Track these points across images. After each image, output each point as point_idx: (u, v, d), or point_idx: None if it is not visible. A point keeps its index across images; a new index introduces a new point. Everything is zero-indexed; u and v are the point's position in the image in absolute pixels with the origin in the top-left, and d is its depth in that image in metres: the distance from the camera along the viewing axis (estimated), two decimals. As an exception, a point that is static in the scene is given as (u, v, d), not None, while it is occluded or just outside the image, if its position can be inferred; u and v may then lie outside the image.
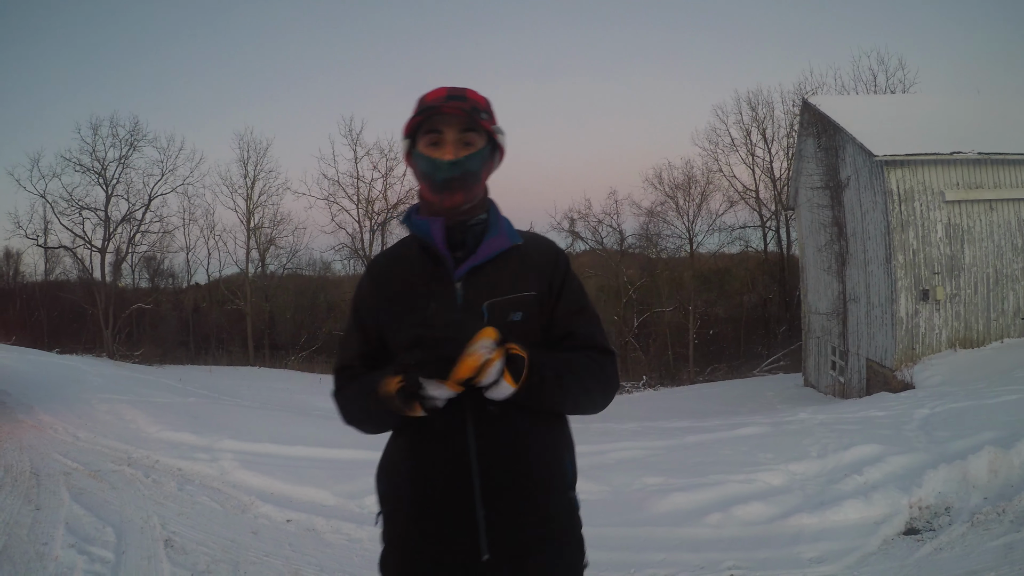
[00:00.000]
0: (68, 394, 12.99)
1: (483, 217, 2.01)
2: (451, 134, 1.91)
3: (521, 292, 1.93)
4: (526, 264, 1.98)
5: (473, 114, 1.90)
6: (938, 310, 17.34)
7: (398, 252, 2.08)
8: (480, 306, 1.89)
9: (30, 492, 6.59)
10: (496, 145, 2.02)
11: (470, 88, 1.98)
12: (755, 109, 40.53)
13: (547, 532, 1.91)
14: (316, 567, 4.86)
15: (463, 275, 1.92)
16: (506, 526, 1.85)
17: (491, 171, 2.03)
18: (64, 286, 44.99)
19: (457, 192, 1.92)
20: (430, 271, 1.95)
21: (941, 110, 20.54)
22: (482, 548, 1.84)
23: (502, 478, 1.85)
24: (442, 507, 1.87)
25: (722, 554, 4.88)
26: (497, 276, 1.93)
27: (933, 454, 6.85)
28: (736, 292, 41.32)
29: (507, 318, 1.88)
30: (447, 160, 1.89)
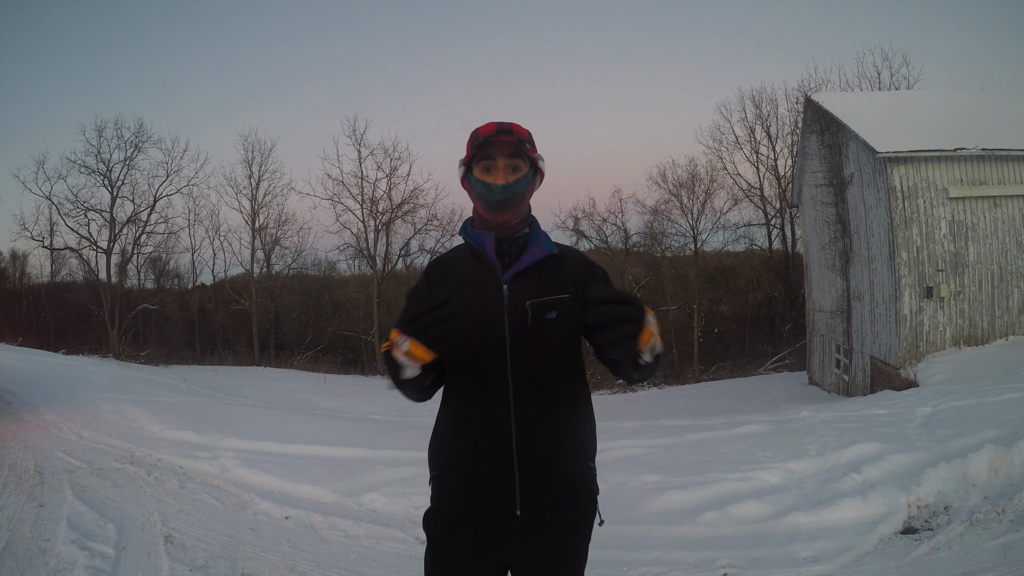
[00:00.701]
0: (73, 394, 13.04)
1: (526, 231, 2.41)
2: (502, 162, 2.32)
3: (557, 295, 2.32)
4: (562, 271, 2.37)
5: (519, 145, 2.31)
6: (942, 307, 17.29)
7: (453, 257, 2.49)
8: (524, 304, 2.29)
9: (34, 490, 6.64)
10: (538, 169, 2.42)
11: (515, 123, 2.38)
12: (759, 107, 40.46)
13: (570, 495, 2.33)
14: (313, 563, 4.89)
15: (509, 278, 2.33)
16: (536, 488, 2.26)
17: (534, 191, 2.44)
18: (70, 287, 45.10)
19: (508, 211, 2.33)
20: (481, 275, 2.36)
21: (945, 106, 20.44)
22: (516, 504, 2.26)
23: (537, 448, 2.25)
24: (485, 470, 2.28)
25: (716, 553, 4.89)
26: (537, 280, 2.34)
27: (934, 452, 6.83)
28: (741, 290, 41.27)
29: (544, 315, 2.29)
30: (499, 184, 2.31)
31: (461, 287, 2.33)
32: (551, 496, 2.29)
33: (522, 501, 2.26)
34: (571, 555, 2.38)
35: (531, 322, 2.28)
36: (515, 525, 2.28)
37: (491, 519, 2.29)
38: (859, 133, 18.18)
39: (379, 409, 17.15)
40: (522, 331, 2.28)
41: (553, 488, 2.29)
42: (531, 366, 2.28)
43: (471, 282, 2.35)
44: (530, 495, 2.26)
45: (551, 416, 2.29)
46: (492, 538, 2.31)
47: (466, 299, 2.21)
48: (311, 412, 14.57)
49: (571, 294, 2.32)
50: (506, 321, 2.29)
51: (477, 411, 2.30)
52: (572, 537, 2.37)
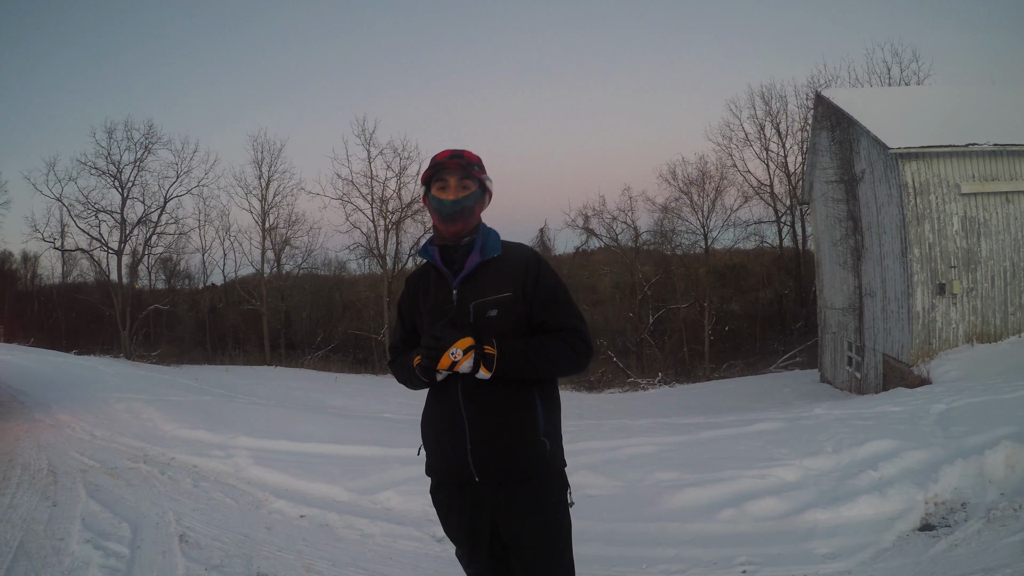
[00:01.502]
0: (85, 393, 13.08)
1: (468, 240, 2.80)
2: (453, 181, 2.75)
3: (497, 294, 2.70)
4: (503, 272, 2.74)
5: (468, 168, 2.75)
6: (955, 304, 17.19)
7: (422, 269, 2.95)
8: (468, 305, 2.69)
9: (47, 489, 6.64)
10: (486, 189, 2.85)
11: (467, 149, 2.80)
12: (768, 103, 40.33)
13: (524, 467, 2.70)
14: (328, 562, 4.88)
15: (457, 284, 2.75)
16: (486, 458, 2.68)
17: (483, 207, 2.86)
18: (81, 288, 45.36)
19: (457, 222, 2.75)
20: (438, 283, 2.81)
21: (956, 101, 20.31)
22: (472, 473, 2.69)
23: (484, 424, 2.67)
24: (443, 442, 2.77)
25: (735, 550, 4.86)
26: (481, 282, 2.73)
27: (949, 449, 6.78)
28: (752, 288, 41.13)
29: (486, 314, 2.69)
30: (450, 199, 2.73)
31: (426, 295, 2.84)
32: (502, 466, 2.68)
33: (476, 469, 2.68)
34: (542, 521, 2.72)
35: (472, 320, 2.68)
36: (480, 488, 2.72)
37: (457, 483, 2.76)
38: (870, 129, 18.10)
39: (391, 408, 17.15)
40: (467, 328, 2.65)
41: (501, 459, 2.68)
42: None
43: (431, 290, 2.83)
44: (482, 465, 2.67)
45: (495, 397, 2.65)
46: (465, 498, 2.76)
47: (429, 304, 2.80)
48: (323, 411, 14.57)
49: (511, 292, 2.71)
50: None
51: (438, 396, 2.79)
52: (537, 505, 2.71)
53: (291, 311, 44.94)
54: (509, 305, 2.70)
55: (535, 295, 2.73)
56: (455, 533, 2.87)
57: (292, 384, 26.93)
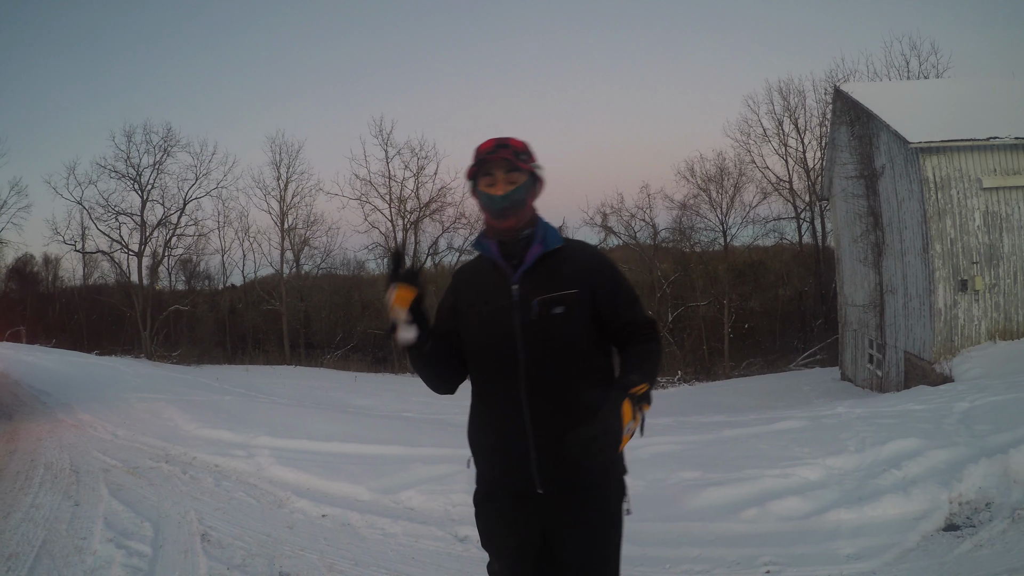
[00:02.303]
0: (107, 394, 13.17)
1: (527, 233, 2.60)
2: (500, 175, 2.53)
3: (564, 291, 2.50)
4: (569, 266, 2.55)
5: (515, 158, 2.52)
6: (977, 301, 17.00)
7: (474, 264, 2.74)
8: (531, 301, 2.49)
9: (69, 488, 6.69)
10: (537, 177, 2.63)
11: (513, 137, 2.59)
12: (786, 98, 40.08)
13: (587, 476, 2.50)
14: (351, 561, 4.88)
15: (517, 279, 2.55)
16: (553, 468, 2.47)
17: (536, 196, 2.65)
18: (102, 290, 45.80)
19: (510, 217, 2.54)
20: (494, 278, 2.59)
21: (976, 94, 20.07)
22: (536, 483, 2.49)
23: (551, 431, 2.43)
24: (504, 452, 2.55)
25: (758, 549, 4.83)
26: (544, 277, 2.53)
27: (973, 448, 6.72)
28: (771, 285, 40.89)
29: (551, 311, 2.48)
30: (499, 195, 2.52)
31: (479, 291, 2.63)
32: (569, 476, 2.48)
33: (541, 481, 2.49)
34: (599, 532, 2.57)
35: (537, 317, 2.49)
36: (540, 500, 2.52)
37: (515, 495, 2.55)
38: (890, 123, 17.93)
39: (411, 407, 17.21)
40: (531, 325, 2.50)
41: (568, 469, 2.43)
42: (541, 357, 2.49)
43: (486, 286, 2.62)
44: (548, 475, 2.49)
45: (564, 402, 2.47)
46: (520, 511, 2.56)
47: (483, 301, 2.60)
48: (344, 410, 14.63)
49: (578, 289, 2.52)
50: (515, 317, 2.51)
51: (495, 400, 2.58)
52: (597, 515, 2.56)
53: (310, 311, 45.12)
54: (575, 303, 2.52)
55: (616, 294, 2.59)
56: (500, 548, 2.69)
57: (312, 383, 27.08)
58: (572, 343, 2.51)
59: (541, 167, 2.65)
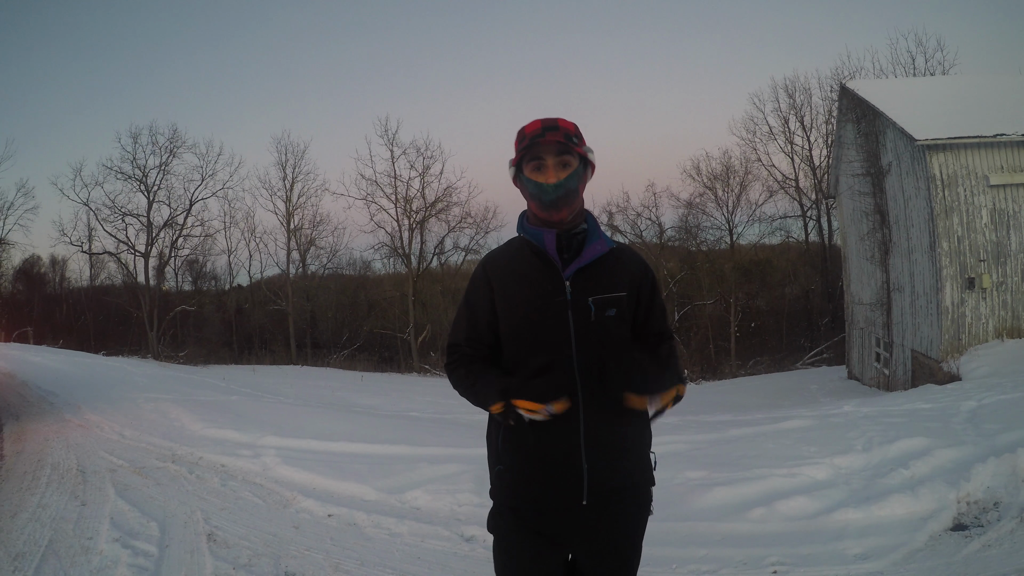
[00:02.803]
0: (114, 394, 13.18)
1: (584, 227, 2.46)
2: (551, 160, 2.36)
3: (617, 292, 2.41)
4: (621, 269, 2.46)
5: (567, 142, 2.34)
6: (984, 299, 16.95)
7: (510, 252, 2.53)
8: (586, 300, 2.37)
9: (76, 488, 6.69)
10: (588, 162, 2.46)
11: (561, 117, 2.42)
12: (792, 96, 40.15)
13: (631, 482, 2.47)
14: (357, 561, 4.88)
15: (571, 275, 2.39)
16: (603, 477, 2.38)
17: (586, 184, 2.48)
18: (109, 290, 46.04)
19: (563, 208, 2.38)
20: (542, 272, 2.41)
21: (982, 91, 20.02)
22: (584, 494, 2.37)
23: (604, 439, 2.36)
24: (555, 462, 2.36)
25: (765, 550, 4.81)
26: (598, 276, 2.41)
27: (981, 447, 6.72)
28: (778, 284, 40.88)
29: (605, 312, 2.38)
30: (551, 184, 2.34)
31: (521, 283, 2.42)
32: (615, 484, 2.40)
33: (589, 490, 2.36)
34: (628, 542, 2.50)
35: (594, 318, 2.36)
36: (580, 514, 2.39)
37: (558, 509, 2.40)
38: (896, 120, 17.89)
39: (417, 406, 17.20)
40: (586, 327, 2.36)
41: (617, 476, 2.40)
42: (597, 360, 2.35)
43: (531, 279, 2.41)
44: (596, 485, 2.36)
45: (617, 407, 2.33)
46: (557, 529, 2.42)
47: (527, 295, 2.40)
48: (350, 410, 14.61)
49: (627, 292, 2.43)
50: (570, 317, 2.36)
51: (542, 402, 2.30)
52: (630, 524, 2.49)
53: (317, 311, 45.27)
54: (624, 305, 2.42)
55: (653, 303, 2.53)
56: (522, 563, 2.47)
57: (319, 383, 27.08)
58: (623, 347, 2.41)
59: (592, 151, 2.46)
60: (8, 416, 10.74)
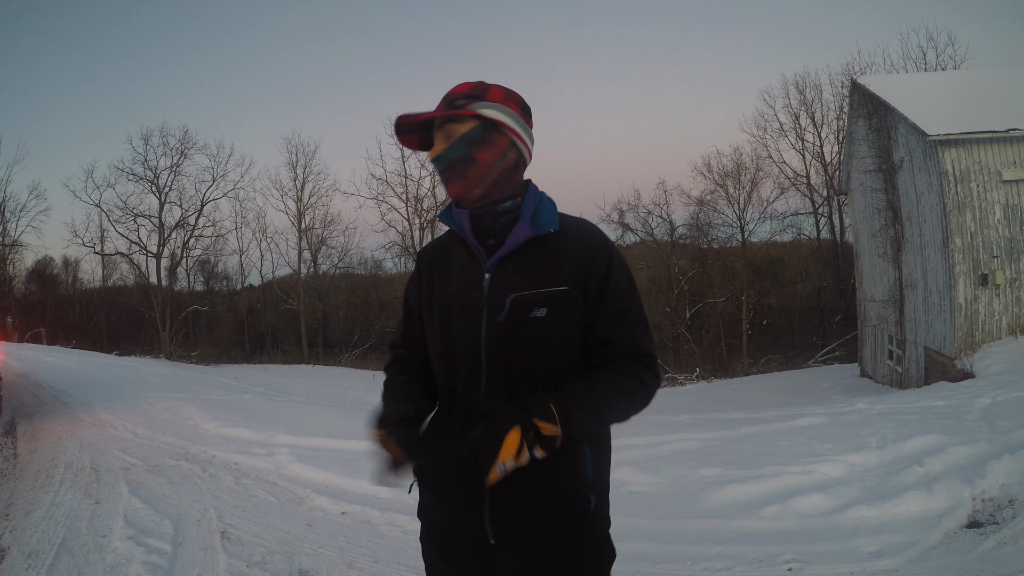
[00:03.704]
0: (127, 393, 13.25)
1: (508, 205, 1.98)
2: (438, 134, 1.97)
3: (550, 287, 1.88)
4: (562, 255, 1.92)
5: (448, 107, 1.94)
6: (998, 295, 16.84)
7: (443, 242, 2.12)
8: (504, 298, 1.89)
9: (90, 487, 6.73)
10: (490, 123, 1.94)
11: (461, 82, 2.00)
12: (803, 92, 40.03)
13: (552, 527, 1.91)
14: (370, 558, 4.88)
15: (492, 266, 1.93)
16: (510, 516, 1.90)
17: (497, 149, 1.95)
18: (121, 291, 46.34)
19: (453, 182, 1.94)
20: (463, 263, 1.99)
21: (994, 85, 19.88)
22: (488, 533, 1.91)
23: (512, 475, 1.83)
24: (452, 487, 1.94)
25: (779, 547, 4.79)
26: (527, 267, 1.91)
27: (996, 444, 6.68)
28: (789, 281, 40.77)
29: (531, 313, 1.87)
30: (432, 158, 1.96)
31: (442, 277, 2.04)
32: (529, 526, 1.91)
33: (494, 529, 1.91)
34: None
35: (508, 319, 1.88)
36: (493, 555, 1.96)
37: (464, 544, 1.99)
38: (908, 116, 17.79)
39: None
40: (498, 330, 1.90)
41: (530, 519, 1.90)
42: (509, 372, 1.90)
43: (450, 272, 2.03)
44: (502, 524, 1.91)
45: None
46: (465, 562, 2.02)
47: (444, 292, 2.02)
48: (362, 408, 14.60)
49: (569, 285, 1.89)
50: (483, 317, 1.91)
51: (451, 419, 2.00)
52: None
53: (328, 310, 45.39)
54: (564, 304, 1.88)
55: (603, 299, 1.92)
56: None
57: (330, 382, 27.17)
58: (552, 359, 1.90)
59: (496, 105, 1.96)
60: (22, 415, 10.80)
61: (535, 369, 1.89)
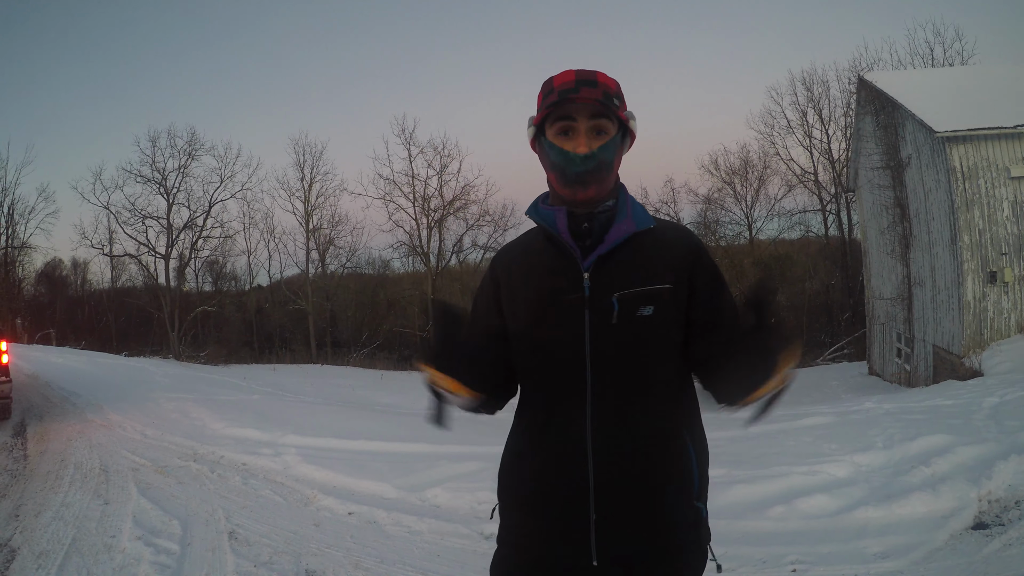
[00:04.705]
0: (136, 394, 13.31)
1: (610, 204, 1.89)
2: (583, 124, 1.82)
3: (654, 284, 1.81)
4: (661, 254, 1.85)
5: (606, 102, 1.80)
6: (1006, 293, 16.77)
7: (524, 243, 2.00)
8: (610, 297, 1.79)
9: (99, 487, 6.77)
10: (628, 130, 1.91)
11: (600, 71, 1.88)
12: (810, 89, 39.75)
13: (663, 542, 1.82)
14: (377, 559, 4.90)
15: (591, 265, 1.82)
16: (618, 532, 1.78)
17: (622, 157, 1.93)
18: (130, 292, 46.54)
19: (591, 186, 1.83)
20: (556, 262, 1.86)
21: (1002, 81, 19.75)
22: (592, 553, 1.78)
23: (620, 482, 1.78)
24: (555, 507, 1.82)
25: (785, 548, 4.79)
26: (628, 266, 1.83)
27: (1003, 444, 6.65)
28: (797, 279, 40.60)
29: (637, 312, 1.79)
30: (581, 154, 1.80)
31: (529, 279, 1.90)
32: (635, 543, 1.79)
33: (599, 550, 1.78)
34: None
35: (618, 320, 1.78)
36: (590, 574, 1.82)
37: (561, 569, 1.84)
38: (916, 112, 17.73)
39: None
40: (607, 331, 1.79)
41: (640, 535, 1.79)
42: (619, 377, 1.80)
43: (542, 273, 1.88)
44: (609, 543, 1.78)
45: (642, 441, 1.81)
46: None
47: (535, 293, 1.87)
48: (370, 408, 14.67)
49: (672, 284, 1.81)
50: (586, 319, 1.80)
51: (549, 434, 1.85)
52: None
53: (336, 310, 45.41)
54: (668, 302, 1.81)
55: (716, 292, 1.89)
56: None
57: (339, 382, 27.22)
58: (662, 357, 1.84)
59: (634, 117, 1.92)
60: (32, 416, 10.87)
61: (644, 374, 1.82)
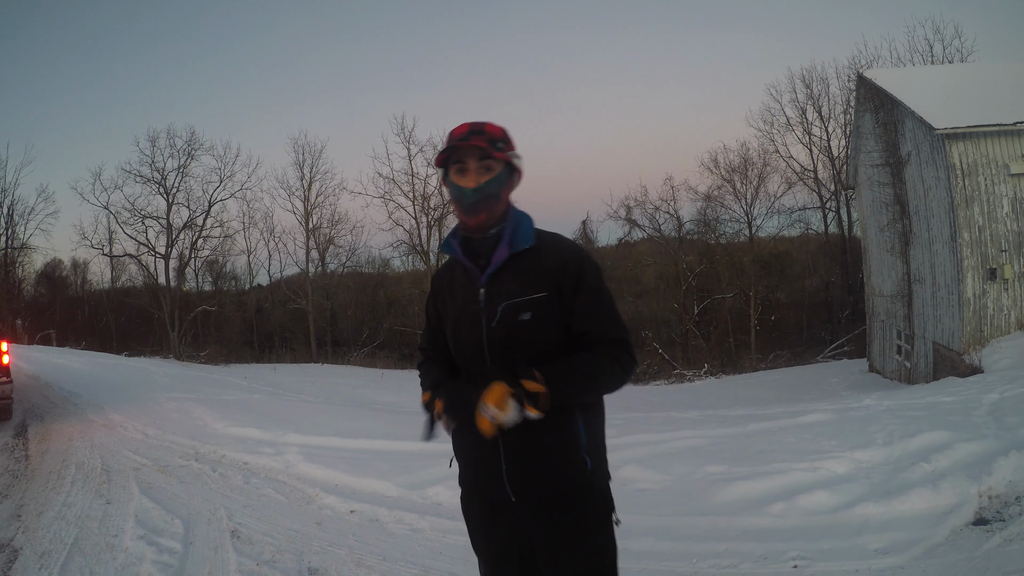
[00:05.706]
0: (137, 394, 13.30)
1: (495, 230, 2.43)
2: (473, 164, 2.36)
3: (532, 295, 2.35)
4: (538, 267, 2.38)
5: (490, 147, 2.34)
6: (1006, 289, 16.78)
7: (449, 265, 2.61)
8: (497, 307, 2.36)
9: (101, 487, 6.78)
10: (514, 168, 2.46)
11: (488, 122, 2.42)
12: (809, 86, 39.78)
13: (559, 485, 2.39)
14: (379, 556, 4.91)
15: (484, 282, 2.40)
16: (522, 477, 2.39)
17: (512, 189, 2.49)
18: (130, 292, 46.58)
19: (481, 213, 2.38)
20: (464, 282, 2.47)
21: (1001, 78, 19.79)
22: (508, 493, 2.41)
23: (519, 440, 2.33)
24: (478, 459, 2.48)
25: (785, 544, 4.79)
26: (512, 280, 2.37)
27: (1003, 441, 6.63)
28: (797, 276, 40.67)
29: (518, 317, 2.34)
30: (471, 188, 2.35)
31: (452, 297, 2.53)
32: (540, 489, 2.40)
33: (512, 489, 2.40)
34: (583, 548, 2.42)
35: (504, 324, 2.35)
36: (516, 509, 2.43)
37: (491, 502, 2.48)
38: (915, 110, 17.75)
39: (436, 403, 17.19)
40: (495, 333, 2.37)
41: (539, 481, 2.39)
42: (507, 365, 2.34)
43: (456, 291, 2.51)
44: (518, 484, 2.39)
45: None
46: (498, 517, 2.49)
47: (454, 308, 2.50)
48: (371, 407, 14.70)
49: (547, 291, 2.35)
50: (483, 325, 2.39)
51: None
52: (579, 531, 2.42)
53: (336, 309, 45.46)
54: (545, 308, 2.34)
55: (576, 301, 2.37)
56: (484, 550, 2.60)
57: (339, 381, 27.24)
58: (539, 352, 2.34)
59: (519, 156, 2.46)
60: (33, 417, 10.88)
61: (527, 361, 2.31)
